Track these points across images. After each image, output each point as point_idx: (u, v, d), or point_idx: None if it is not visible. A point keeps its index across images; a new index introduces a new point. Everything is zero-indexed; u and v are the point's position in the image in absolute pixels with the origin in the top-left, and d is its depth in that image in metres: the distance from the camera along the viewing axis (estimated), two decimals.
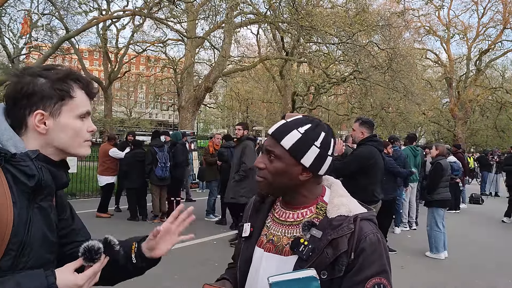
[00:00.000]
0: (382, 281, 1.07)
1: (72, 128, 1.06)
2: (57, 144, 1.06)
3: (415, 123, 27.02)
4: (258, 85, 25.64)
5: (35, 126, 1.02)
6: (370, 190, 4.18)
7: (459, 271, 5.28)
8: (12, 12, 16.34)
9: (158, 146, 7.62)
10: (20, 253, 0.95)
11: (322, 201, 1.18)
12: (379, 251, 1.08)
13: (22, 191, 0.96)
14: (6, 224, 0.92)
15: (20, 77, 1.03)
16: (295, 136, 1.11)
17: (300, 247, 1.08)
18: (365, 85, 17.58)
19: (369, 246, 1.07)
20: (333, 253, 1.05)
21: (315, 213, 1.15)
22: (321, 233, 1.08)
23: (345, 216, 1.10)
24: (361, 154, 4.16)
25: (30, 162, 0.98)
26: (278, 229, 1.18)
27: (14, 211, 0.94)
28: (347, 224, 1.08)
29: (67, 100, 1.05)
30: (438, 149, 6.07)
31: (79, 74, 1.11)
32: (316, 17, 12.09)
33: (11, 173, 0.95)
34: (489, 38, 28.32)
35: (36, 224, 0.99)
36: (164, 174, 7.60)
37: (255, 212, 1.27)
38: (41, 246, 1.01)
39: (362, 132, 4.27)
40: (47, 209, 1.04)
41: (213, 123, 43.86)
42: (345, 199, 1.17)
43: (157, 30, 18.26)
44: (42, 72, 1.04)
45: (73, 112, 1.06)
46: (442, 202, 5.81)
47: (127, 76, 26.83)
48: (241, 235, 1.25)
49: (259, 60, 16.64)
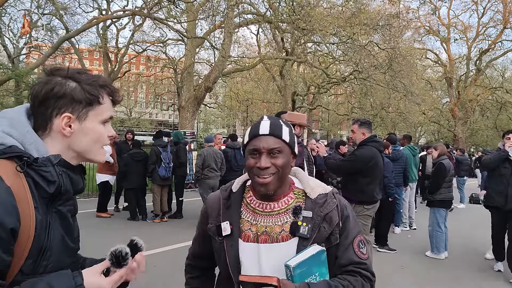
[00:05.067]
0: (361, 238, 1.28)
1: (95, 132, 1.07)
2: (78, 148, 1.06)
3: (415, 123, 27.05)
4: (258, 85, 25.65)
5: (61, 128, 1.02)
6: (370, 190, 4.17)
7: (459, 271, 5.28)
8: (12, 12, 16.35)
9: (162, 146, 7.63)
10: (41, 257, 0.96)
11: (296, 187, 1.32)
12: (354, 216, 1.32)
13: (42, 196, 0.96)
14: (29, 228, 0.92)
15: (51, 77, 1.03)
16: (286, 129, 1.26)
17: (300, 229, 1.20)
18: (365, 85, 17.60)
19: (350, 213, 1.29)
20: (329, 226, 1.23)
21: (295, 198, 1.28)
22: (311, 213, 1.23)
23: (324, 193, 1.28)
24: (363, 156, 4.14)
25: (51, 167, 0.98)
26: (267, 220, 1.24)
27: (37, 216, 0.94)
28: (331, 199, 1.27)
29: (95, 106, 1.06)
30: (438, 149, 6.06)
31: (108, 80, 1.12)
32: (314, 17, 12.09)
33: (32, 178, 0.95)
34: (489, 38, 28.38)
35: (55, 229, 1.00)
36: (167, 174, 7.62)
37: (225, 210, 1.30)
38: (61, 250, 1.01)
39: (363, 133, 4.26)
40: (66, 214, 1.05)
41: (213, 123, 43.88)
42: (315, 180, 1.34)
43: (157, 30, 18.29)
44: (74, 75, 1.05)
45: (99, 117, 1.07)
46: (444, 202, 5.80)
47: (127, 76, 26.82)
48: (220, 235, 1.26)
49: (259, 60, 16.64)
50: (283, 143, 1.22)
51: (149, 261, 4.72)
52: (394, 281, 4.88)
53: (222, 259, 1.26)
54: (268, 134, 1.22)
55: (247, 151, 1.26)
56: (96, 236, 6.19)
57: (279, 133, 1.23)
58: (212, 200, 1.37)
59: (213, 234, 1.29)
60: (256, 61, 16.83)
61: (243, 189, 1.34)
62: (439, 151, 6.01)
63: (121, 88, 40.46)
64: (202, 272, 1.49)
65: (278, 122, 1.25)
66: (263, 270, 1.18)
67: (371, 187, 4.18)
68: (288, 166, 1.24)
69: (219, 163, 7.39)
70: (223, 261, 1.25)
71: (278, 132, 1.23)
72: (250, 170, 1.24)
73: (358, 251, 1.25)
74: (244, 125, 38.99)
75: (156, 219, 7.68)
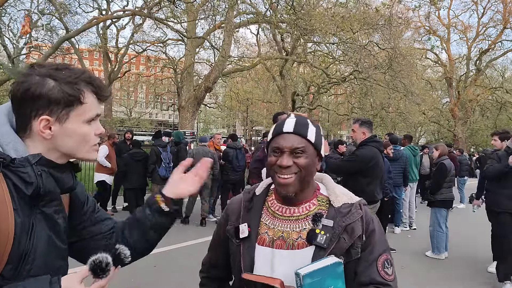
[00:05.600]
0: (388, 257, 1.19)
1: (79, 134, 1.00)
2: (63, 150, 1.00)
3: (415, 123, 27.05)
4: (258, 85, 25.65)
5: (40, 131, 0.96)
6: (370, 190, 4.17)
7: (459, 271, 5.27)
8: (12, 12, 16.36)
9: (162, 146, 7.63)
10: (23, 262, 0.91)
11: (320, 194, 1.25)
12: (383, 232, 1.21)
13: (23, 198, 0.92)
14: (7, 231, 0.88)
15: (28, 76, 0.95)
16: (313, 129, 1.19)
17: (317, 237, 1.13)
18: (365, 85, 17.60)
19: (377, 227, 1.19)
20: (350, 238, 1.14)
21: (318, 205, 1.21)
22: (332, 222, 1.15)
23: (350, 203, 1.19)
24: (364, 156, 4.14)
25: (29, 168, 0.92)
26: (285, 225, 1.19)
27: (16, 219, 0.89)
28: (355, 210, 1.18)
29: (76, 106, 0.97)
30: (439, 149, 6.06)
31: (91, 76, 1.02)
32: (314, 17, 12.10)
33: (11, 180, 0.91)
34: (489, 38, 28.41)
35: (40, 231, 0.95)
36: (167, 174, 7.61)
37: (246, 212, 1.25)
38: (48, 253, 0.96)
39: (363, 132, 4.26)
40: (52, 215, 0.99)
41: (213, 123, 43.90)
42: (343, 189, 1.27)
43: (157, 30, 18.31)
44: (52, 72, 0.96)
45: (81, 117, 0.99)
46: (445, 203, 5.80)
47: (127, 76, 26.82)
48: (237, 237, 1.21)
49: (259, 60, 16.65)
50: (307, 142, 1.16)
51: (149, 261, 4.72)
52: None
53: (237, 263, 1.21)
54: (292, 132, 1.16)
55: (269, 149, 1.20)
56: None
57: (304, 132, 1.17)
58: (233, 202, 1.33)
59: (230, 236, 1.25)
60: (256, 61, 16.84)
61: (266, 192, 1.30)
62: (440, 151, 6.01)
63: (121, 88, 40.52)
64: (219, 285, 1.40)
65: (305, 121, 1.20)
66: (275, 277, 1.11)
67: (372, 187, 4.19)
68: (311, 167, 1.18)
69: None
70: (237, 264, 1.20)
71: (303, 131, 1.17)
72: (271, 168, 1.18)
73: (382, 271, 1.15)
74: (244, 125, 39.01)
75: None
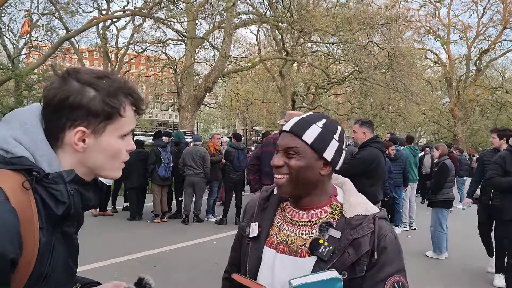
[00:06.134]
0: (401, 279, 1.06)
1: (113, 149, 0.93)
2: (91, 165, 0.93)
3: (415, 123, 27.06)
4: (258, 85, 25.65)
5: (74, 143, 0.88)
6: (372, 191, 4.17)
7: (459, 271, 5.27)
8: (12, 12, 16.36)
9: (161, 146, 7.63)
10: (43, 281, 0.85)
11: (336, 200, 1.16)
12: (398, 250, 1.09)
13: (49, 216, 0.85)
14: (32, 250, 0.82)
15: (66, 83, 0.87)
16: (316, 130, 1.10)
17: (320, 248, 1.06)
18: (365, 85, 17.60)
19: (390, 245, 1.07)
20: (356, 253, 1.05)
21: (330, 213, 1.13)
22: (340, 233, 1.07)
23: (364, 215, 1.09)
24: (366, 158, 4.13)
25: (62, 185, 0.85)
26: (292, 230, 1.14)
27: (41, 238, 0.83)
28: (367, 224, 1.07)
29: (114, 119, 0.90)
30: (439, 149, 6.06)
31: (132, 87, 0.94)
32: (314, 17, 12.09)
33: (40, 196, 0.84)
34: (489, 38, 28.42)
35: (59, 252, 0.89)
36: (167, 174, 7.61)
37: (260, 211, 1.22)
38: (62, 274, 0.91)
39: (364, 132, 4.24)
40: (72, 235, 0.94)
41: (213, 123, 43.86)
42: (361, 198, 1.16)
43: (157, 30, 18.29)
44: (93, 81, 0.89)
45: (118, 131, 0.92)
46: (447, 203, 5.80)
47: (127, 76, 26.78)
48: (247, 235, 1.18)
49: (259, 60, 16.65)
50: (302, 143, 1.09)
51: (149, 261, 4.71)
52: None
53: (244, 261, 1.16)
54: (288, 131, 1.11)
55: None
56: (96, 236, 6.20)
57: (300, 132, 1.09)
58: (253, 199, 1.30)
59: (243, 233, 1.22)
60: (256, 61, 16.84)
61: None
62: (440, 151, 6.01)
63: None
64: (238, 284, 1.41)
65: (307, 121, 1.12)
66: (275, 281, 1.09)
67: (374, 188, 4.19)
68: (306, 171, 1.09)
69: (197, 161, 7.47)
70: (244, 264, 1.15)
71: (299, 130, 1.10)
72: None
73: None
74: (244, 125, 38.98)
75: (156, 219, 7.68)
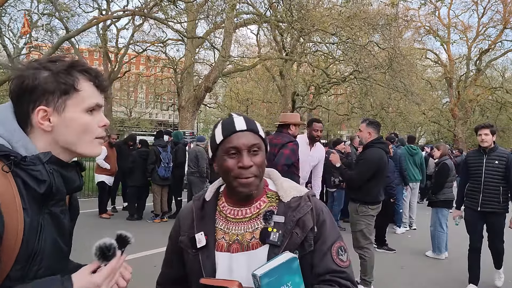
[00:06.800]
0: (341, 243, 1.18)
1: (79, 123, 0.97)
2: (64, 143, 0.97)
3: (415, 123, 27.04)
4: (258, 85, 25.64)
5: (39, 123, 0.94)
6: (375, 192, 4.18)
7: (459, 271, 5.27)
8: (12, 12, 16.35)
9: (161, 146, 7.64)
10: (31, 262, 0.89)
11: (269, 190, 1.23)
12: (333, 220, 1.21)
13: (33, 197, 0.90)
14: (16, 232, 0.86)
15: (23, 71, 0.95)
16: (259, 125, 1.19)
17: (270, 235, 1.11)
18: (365, 85, 17.58)
19: (327, 217, 1.18)
20: (302, 231, 1.12)
21: (268, 202, 1.19)
22: (284, 218, 1.13)
23: (299, 196, 1.17)
24: (373, 160, 4.13)
25: (41, 166, 0.91)
26: (239, 228, 1.16)
27: (25, 218, 0.87)
28: (305, 203, 1.16)
29: (71, 94, 0.95)
30: (440, 149, 6.07)
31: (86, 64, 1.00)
32: (314, 17, 12.09)
33: (21, 178, 0.89)
34: (489, 38, 28.39)
35: (47, 231, 0.93)
36: (166, 174, 7.62)
37: (199, 220, 1.20)
38: (52, 254, 0.94)
39: (369, 132, 4.24)
40: (59, 214, 0.98)
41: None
42: (291, 182, 1.24)
43: (157, 30, 18.29)
44: (46, 64, 0.95)
45: (80, 105, 0.96)
46: (447, 203, 5.81)
47: (127, 76, 26.82)
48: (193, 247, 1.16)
49: (259, 60, 16.64)
50: (260, 139, 1.15)
51: (149, 261, 4.72)
52: (394, 281, 4.88)
53: (196, 273, 1.14)
54: (246, 129, 1.13)
55: (221, 151, 1.13)
56: (96, 236, 6.19)
57: (256, 129, 1.15)
58: (184, 211, 1.26)
59: (185, 247, 1.19)
60: (256, 61, 16.84)
61: (216, 196, 1.25)
62: (441, 151, 6.01)
63: (121, 88, 40.54)
64: None
65: (250, 119, 1.17)
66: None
67: (377, 189, 4.20)
68: (264, 166, 1.15)
69: (193, 160, 7.80)
70: (196, 275, 1.13)
71: (254, 127, 1.15)
72: (229, 172, 1.12)
73: (337, 259, 1.14)
74: None
75: (156, 219, 7.68)
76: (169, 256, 1.31)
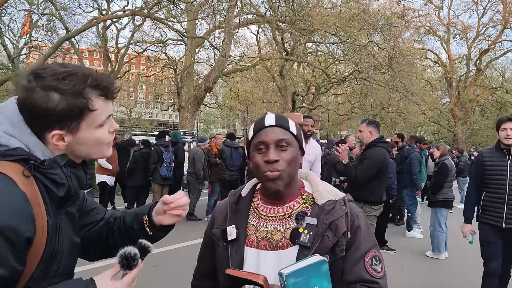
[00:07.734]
0: (376, 253, 1.14)
1: (93, 139, 0.99)
2: (79, 154, 1.00)
3: (415, 123, 27.04)
4: (258, 85, 25.64)
5: (53, 145, 0.95)
6: (378, 192, 4.17)
7: (459, 271, 5.28)
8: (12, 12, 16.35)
9: (164, 146, 7.65)
10: (53, 261, 0.93)
11: (305, 191, 1.22)
12: (369, 227, 1.18)
13: (52, 200, 0.93)
14: (42, 233, 0.89)
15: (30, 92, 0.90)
16: (293, 123, 1.18)
17: (300, 236, 1.10)
18: (365, 85, 17.59)
19: (362, 223, 1.15)
20: (334, 235, 1.10)
21: (302, 203, 1.18)
22: (316, 220, 1.12)
23: (334, 200, 1.16)
24: (377, 160, 4.11)
25: (59, 169, 0.93)
26: (270, 226, 1.16)
27: (48, 220, 0.91)
28: (339, 207, 1.14)
29: (86, 115, 0.95)
30: (440, 149, 6.07)
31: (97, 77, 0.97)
32: (315, 17, 12.10)
33: (41, 182, 0.91)
34: (489, 38, 28.39)
35: (65, 231, 0.97)
36: (168, 174, 7.62)
37: (233, 214, 1.23)
38: (69, 252, 0.99)
39: (370, 131, 4.23)
40: (75, 214, 1.02)
41: (213, 123, 43.89)
42: (327, 185, 1.24)
43: (157, 30, 18.28)
44: (56, 85, 0.91)
45: (93, 124, 0.97)
46: (446, 203, 5.80)
47: (127, 76, 26.80)
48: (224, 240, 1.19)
49: (259, 60, 16.64)
50: (290, 135, 1.15)
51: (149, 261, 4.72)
52: (394, 281, 4.87)
53: (224, 265, 1.15)
54: (274, 125, 1.14)
55: (252, 147, 1.16)
56: None
57: (286, 125, 1.15)
58: (220, 206, 1.30)
59: (217, 239, 1.22)
60: (256, 61, 16.84)
61: (252, 193, 1.27)
62: (441, 151, 6.01)
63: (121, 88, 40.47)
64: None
65: (283, 117, 1.19)
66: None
67: (380, 188, 4.20)
68: (297, 162, 1.15)
69: (191, 161, 7.86)
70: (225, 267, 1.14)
71: (285, 123, 1.16)
72: (257, 168, 1.13)
73: (370, 268, 1.10)
74: (244, 125, 38.99)
75: None
76: (203, 251, 1.33)
